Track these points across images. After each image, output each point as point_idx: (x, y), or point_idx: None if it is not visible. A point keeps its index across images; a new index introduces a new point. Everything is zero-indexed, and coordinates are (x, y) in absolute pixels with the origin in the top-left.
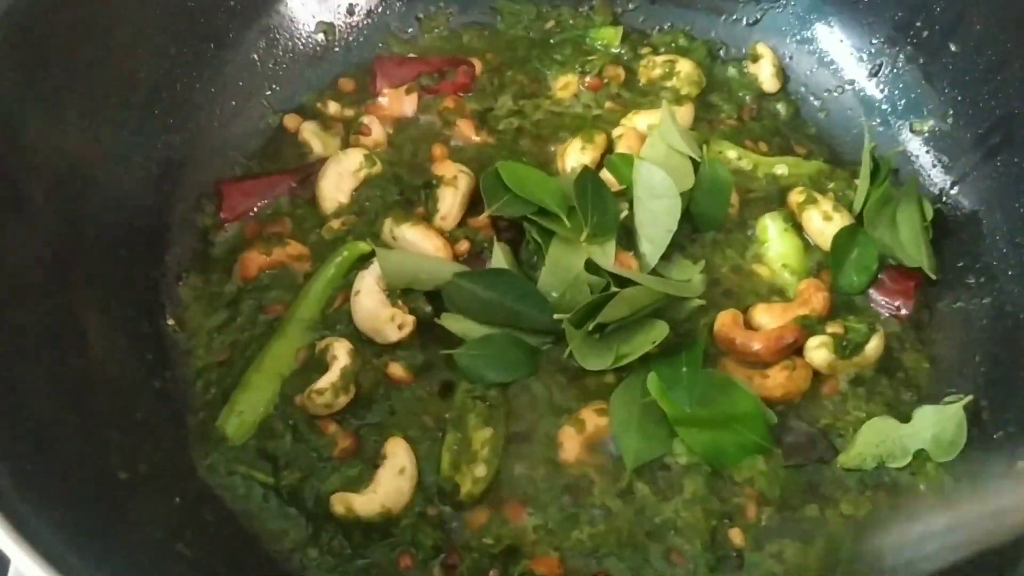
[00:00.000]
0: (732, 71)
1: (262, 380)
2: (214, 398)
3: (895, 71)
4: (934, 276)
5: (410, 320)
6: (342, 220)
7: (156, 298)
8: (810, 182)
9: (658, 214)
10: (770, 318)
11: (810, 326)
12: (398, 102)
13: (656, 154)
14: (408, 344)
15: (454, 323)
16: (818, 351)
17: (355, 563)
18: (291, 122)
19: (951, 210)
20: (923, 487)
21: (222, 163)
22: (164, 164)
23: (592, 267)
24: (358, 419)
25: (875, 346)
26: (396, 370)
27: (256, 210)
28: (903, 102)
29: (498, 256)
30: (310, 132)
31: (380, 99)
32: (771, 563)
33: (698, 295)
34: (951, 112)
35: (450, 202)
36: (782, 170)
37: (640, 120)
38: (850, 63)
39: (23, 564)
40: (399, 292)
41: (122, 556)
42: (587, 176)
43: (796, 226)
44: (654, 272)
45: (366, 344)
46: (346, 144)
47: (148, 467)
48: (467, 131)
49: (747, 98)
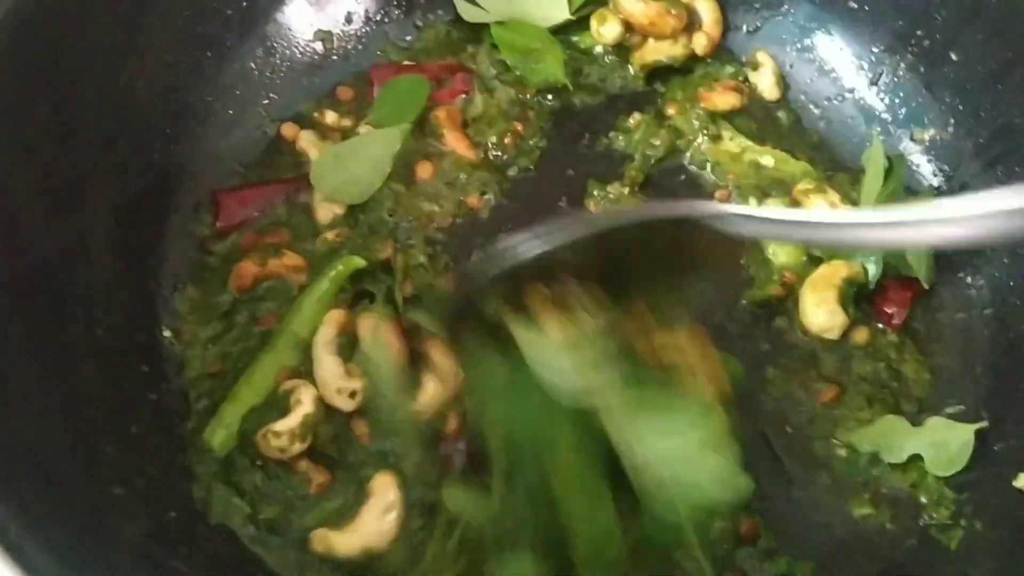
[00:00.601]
0: None
1: (250, 394)
2: (206, 410)
3: (896, 80)
4: (927, 285)
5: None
6: (336, 232)
7: (152, 309)
8: (792, 180)
9: None
10: None
11: None
12: None
13: None
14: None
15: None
16: None
17: None
18: (289, 131)
19: None
20: (924, 499)
21: (219, 172)
22: (161, 173)
23: None
24: (329, 456)
25: None
26: (360, 428)
27: (254, 219)
28: (904, 111)
29: None
30: (308, 141)
31: None
32: None
33: None
34: (952, 121)
35: None
36: (767, 161)
37: None
38: (850, 72)
39: None
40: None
41: (115, 573)
42: None
43: None
44: None
45: None
46: None
47: (143, 481)
48: (458, 146)
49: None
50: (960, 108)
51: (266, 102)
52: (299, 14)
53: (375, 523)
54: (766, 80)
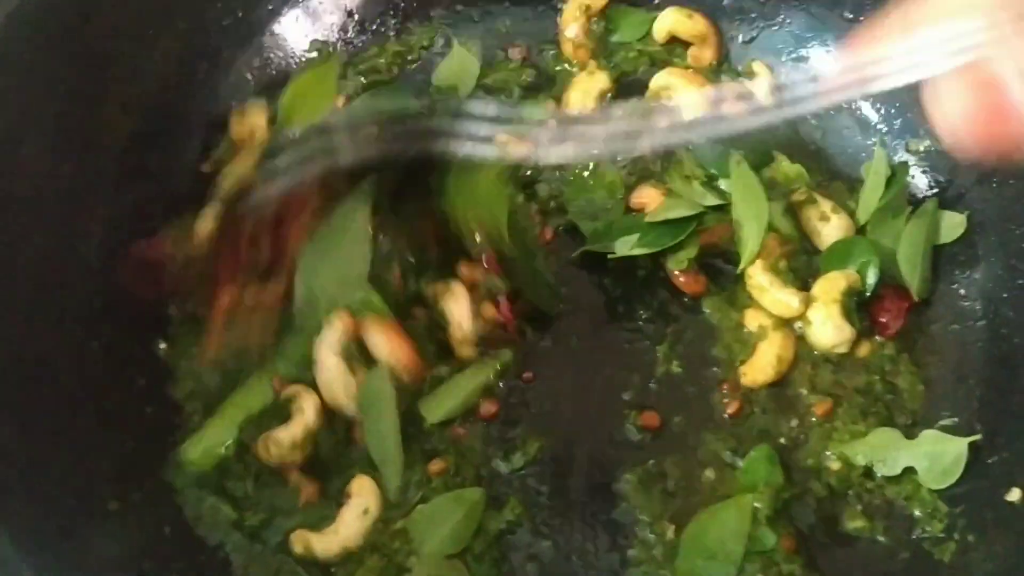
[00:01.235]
0: None
1: (234, 411)
2: (199, 424)
3: (891, 91)
4: (916, 298)
5: None
6: None
7: (147, 321)
8: (786, 181)
9: None
10: None
11: None
12: None
13: None
14: None
15: None
16: None
17: None
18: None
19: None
20: (917, 512)
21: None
22: (156, 183)
23: None
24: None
25: None
26: (361, 433)
27: None
28: (899, 122)
29: None
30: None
31: None
32: None
33: None
34: None
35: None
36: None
37: None
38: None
39: None
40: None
41: None
42: None
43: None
44: None
45: None
46: None
47: (139, 496)
48: None
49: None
50: None
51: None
52: (295, 25)
53: (355, 524)
54: (762, 90)
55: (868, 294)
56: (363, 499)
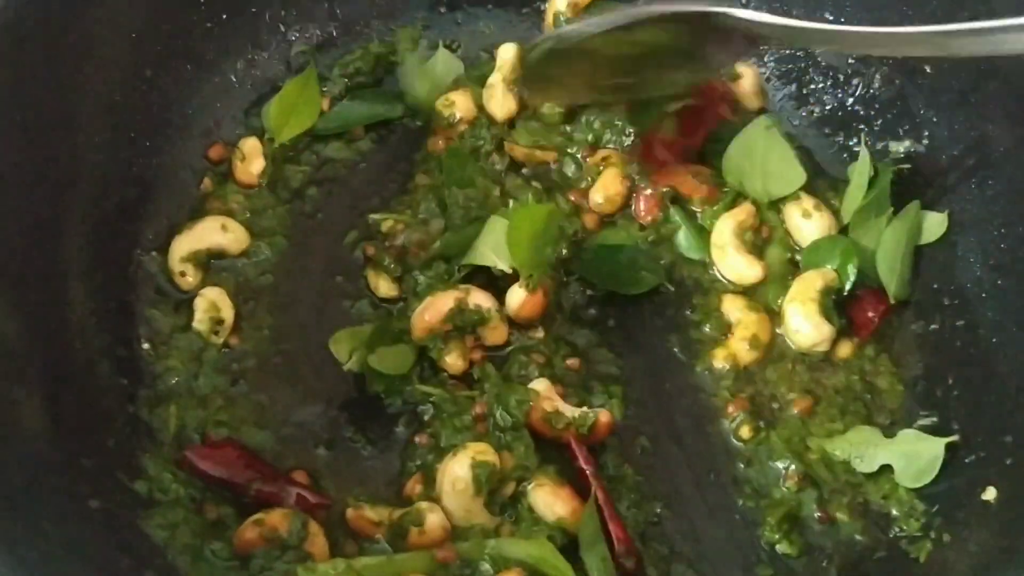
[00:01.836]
0: None
1: None
2: (181, 424)
3: (871, 92)
4: (893, 300)
5: None
6: None
7: (130, 322)
8: None
9: None
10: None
11: None
12: None
13: None
14: None
15: None
16: None
17: None
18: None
19: None
20: (895, 511)
21: (198, 185)
22: (141, 186)
23: None
24: None
25: None
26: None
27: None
28: (879, 123)
29: None
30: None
31: None
32: None
33: None
34: (926, 134)
35: None
36: None
37: None
38: (826, 83)
39: None
40: None
41: None
42: None
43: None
44: None
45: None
46: None
47: (120, 495)
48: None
49: None
50: (934, 120)
51: (246, 115)
52: (279, 27)
53: None
54: (747, 90)
55: (846, 293)
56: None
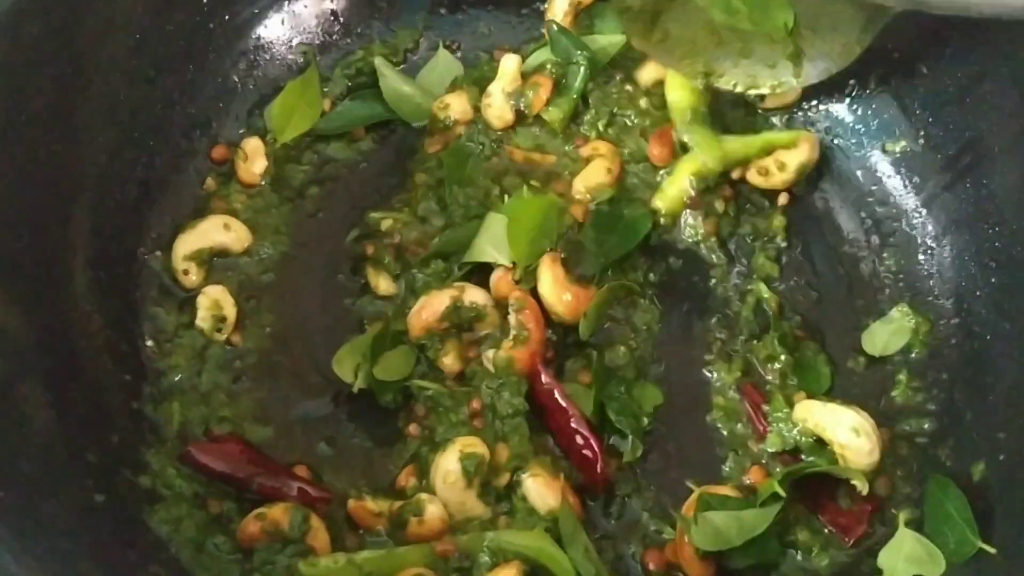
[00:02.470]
0: None
1: None
2: (184, 420)
3: (868, 92)
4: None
5: None
6: None
7: (135, 319)
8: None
9: None
10: None
11: None
12: None
13: None
14: None
15: None
16: None
17: None
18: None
19: (921, 231)
20: None
21: (201, 185)
22: (143, 185)
23: None
24: None
25: None
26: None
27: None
28: (875, 123)
29: None
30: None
31: None
32: None
33: None
34: (922, 133)
35: None
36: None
37: None
38: (823, 84)
39: None
40: None
41: None
42: None
43: None
44: None
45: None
46: None
47: (125, 489)
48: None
49: None
50: (930, 121)
51: (249, 115)
52: (280, 28)
53: None
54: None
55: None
56: None
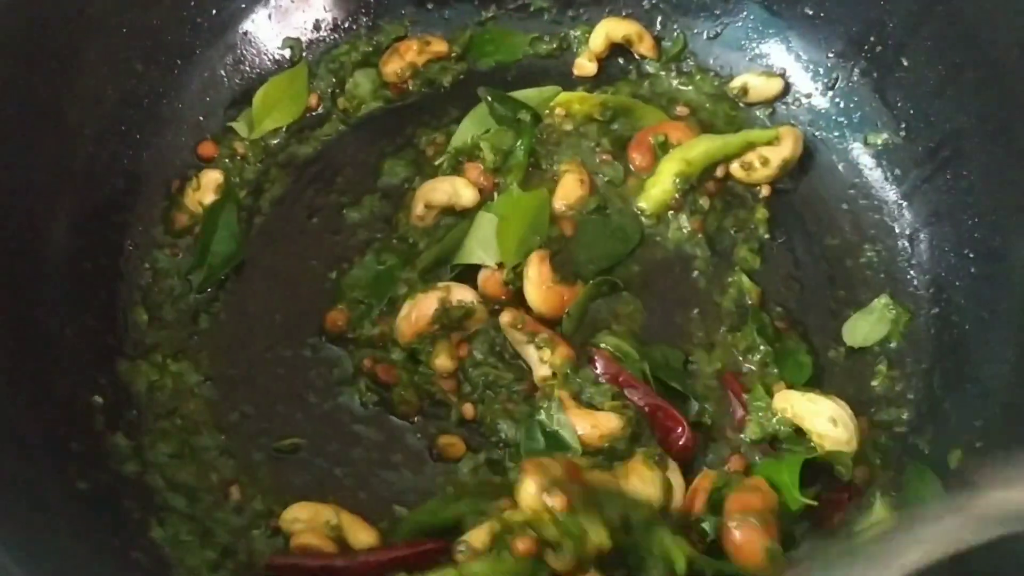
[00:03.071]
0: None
1: None
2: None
3: (849, 85)
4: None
5: None
6: None
7: (119, 312)
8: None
9: None
10: None
11: None
12: None
13: None
14: None
15: None
16: None
17: None
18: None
19: (901, 222)
20: None
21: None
22: (128, 178)
23: None
24: None
25: None
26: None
27: None
28: (857, 115)
29: None
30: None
31: None
32: None
33: None
34: (903, 126)
35: None
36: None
37: None
38: (806, 77)
39: None
40: None
41: (77, 565)
42: None
43: None
44: None
45: None
46: None
47: (107, 476)
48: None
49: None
50: (911, 113)
51: (234, 109)
52: (267, 22)
53: None
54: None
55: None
56: None
